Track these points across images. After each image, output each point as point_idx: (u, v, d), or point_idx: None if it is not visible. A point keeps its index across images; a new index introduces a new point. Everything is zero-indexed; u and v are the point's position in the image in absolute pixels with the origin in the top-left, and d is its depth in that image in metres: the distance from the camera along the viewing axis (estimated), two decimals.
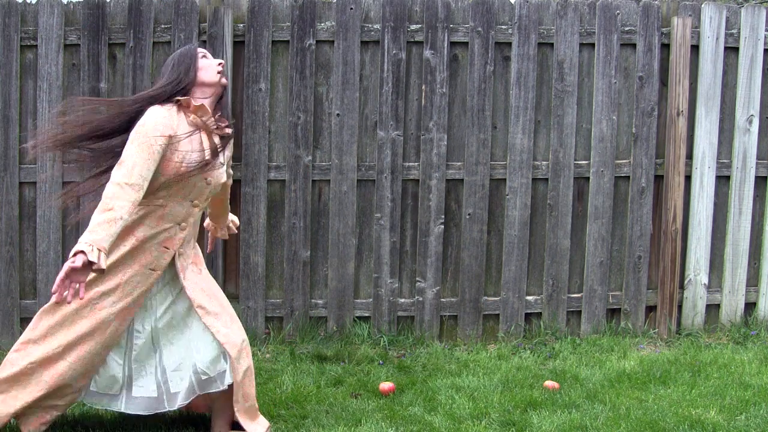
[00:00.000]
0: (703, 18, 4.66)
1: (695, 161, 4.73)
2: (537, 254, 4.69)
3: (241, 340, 3.11)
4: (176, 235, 3.06)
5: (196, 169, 2.99)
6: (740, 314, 4.85)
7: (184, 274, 3.10)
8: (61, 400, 3.11)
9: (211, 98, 3.10)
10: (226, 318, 3.13)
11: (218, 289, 3.25)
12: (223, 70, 3.13)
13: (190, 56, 3.09)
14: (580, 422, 3.40)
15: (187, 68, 3.06)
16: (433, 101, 4.52)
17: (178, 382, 3.11)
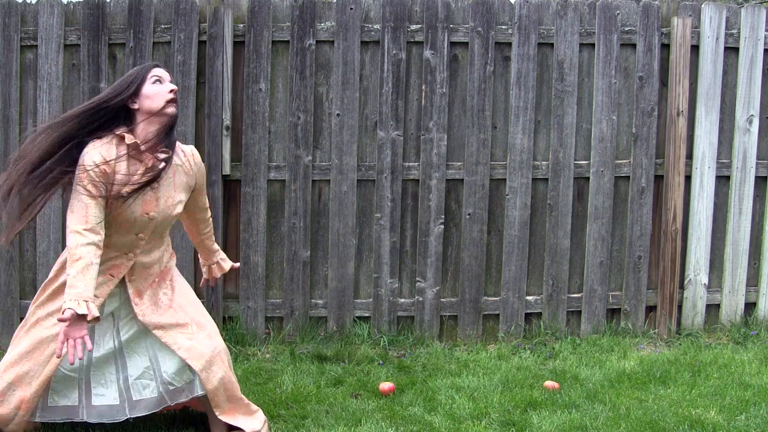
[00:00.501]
0: (703, 18, 4.66)
1: (695, 161, 4.73)
2: (537, 254, 4.69)
3: (211, 350, 3.09)
4: (123, 264, 3.04)
5: (124, 201, 2.91)
6: (740, 314, 4.85)
7: (136, 301, 3.07)
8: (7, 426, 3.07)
9: (157, 127, 2.96)
10: (193, 328, 3.11)
11: (189, 297, 3.22)
12: (175, 98, 2.98)
13: (139, 77, 2.96)
14: (580, 422, 3.40)
15: (126, 87, 2.93)
16: (433, 101, 4.52)
17: (141, 390, 3.10)
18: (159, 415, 3.41)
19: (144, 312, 3.07)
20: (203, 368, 3.06)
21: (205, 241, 3.42)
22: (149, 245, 3.09)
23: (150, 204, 2.99)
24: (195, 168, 3.16)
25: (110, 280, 3.03)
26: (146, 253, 3.09)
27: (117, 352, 3.09)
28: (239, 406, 3.17)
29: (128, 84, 2.94)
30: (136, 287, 3.08)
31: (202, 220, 3.33)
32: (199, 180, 3.20)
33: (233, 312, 4.50)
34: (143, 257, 3.08)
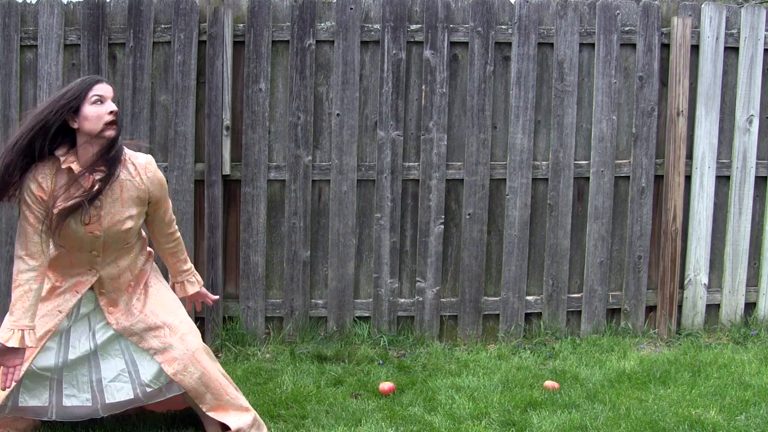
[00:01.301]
0: (703, 18, 4.66)
1: (695, 161, 4.73)
2: (537, 254, 4.69)
3: (183, 352, 3.09)
4: (87, 280, 3.04)
5: (58, 224, 2.87)
6: (740, 314, 4.85)
7: (110, 310, 3.07)
8: None
9: (97, 148, 2.86)
10: (165, 331, 3.10)
11: (164, 297, 3.20)
12: (115, 120, 2.84)
13: (78, 96, 2.82)
14: (580, 422, 3.40)
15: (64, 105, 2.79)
16: (433, 101, 4.51)
17: (114, 393, 3.11)
18: (159, 415, 3.41)
19: (117, 320, 3.07)
20: (177, 372, 3.07)
21: (167, 258, 3.29)
22: (111, 258, 3.05)
23: (93, 223, 2.93)
24: (147, 181, 3.00)
25: (75, 296, 3.03)
26: (111, 264, 3.06)
27: (92, 354, 3.09)
28: (228, 404, 3.16)
29: (68, 101, 2.80)
30: (109, 298, 3.08)
31: (163, 235, 3.19)
32: (154, 193, 3.03)
33: (233, 312, 4.50)
34: (109, 269, 3.06)
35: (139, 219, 3.04)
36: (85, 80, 2.88)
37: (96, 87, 2.85)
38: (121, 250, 3.07)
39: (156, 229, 3.18)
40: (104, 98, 2.85)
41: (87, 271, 3.04)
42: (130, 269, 3.13)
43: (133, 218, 3.00)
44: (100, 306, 3.07)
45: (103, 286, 3.06)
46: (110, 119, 2.84)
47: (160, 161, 4.39)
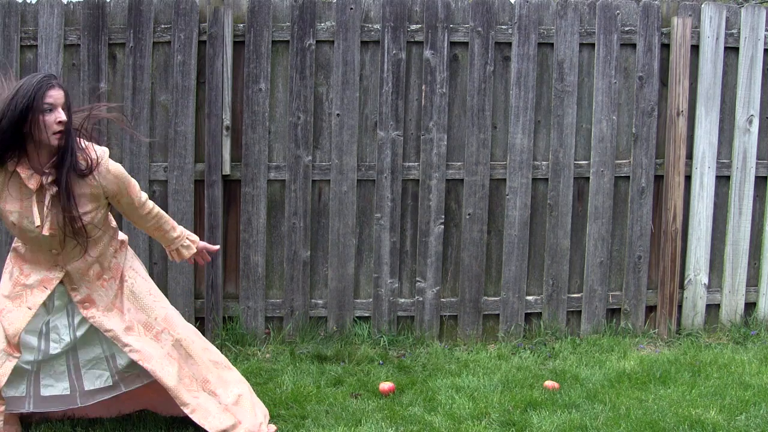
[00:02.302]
0: (703, 18, 4.66)
1: (695, 161, 4.73)
2: (537, 254, 4.69)
3: (158, 351, 3.08)
4: (54, 276, 3.03)
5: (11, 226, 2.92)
6: (740, 314, 4.85)
7: (85, 305, 3.07)
8: None
9: (46, 153, 2.85)
10: (139, 329, 3.10)
11: (139, 291, 3.18)
12: (63, 130, 2.82)
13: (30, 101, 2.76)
14: (580, 422, 3.40)
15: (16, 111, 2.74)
16: (433, 101, 4.51)
17: (93, 380, 3.13)
18: (159, 416, 3.41)
19: (93, 315, 3.06)
20: (154, 369, 3.06)
21: (153, 233, 3.25)
22: (74, 254, 3.03)
23: (45, 224, 2.90)
24: (99, 178, 2.94)
25: (43, 292, 3.02)
26: (78, 258, 3.04)
27: (70, 346, 3.10)
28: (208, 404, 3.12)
29: (20, 111, 2.75)
30: (82, 294, 3.07)
31: (139, 217, 3.15)
32: (108, 188, 2.98)
33: (233, 312, 4.50)
34: (76, 264, 3.04)
35: (96, 213, 2.99)
36: (38, 85, 2.79)
37: (48, 94, 2.80)
38: (84, 246, 3.03)
39: (128, 214, 3.16)
40: (55, 106, 2.81)
41: (53, 267, 3.03)
42: (100, 261, 3.10)
43: (89, 214, 2.96)
44: (74, 302, 3.05)
45: (72, 281, 3.05)
46: (58, 129, 2.81)
47: (160, 161, 4.39)
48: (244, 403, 3.23)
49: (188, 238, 3.30)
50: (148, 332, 3.12)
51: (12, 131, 2.78)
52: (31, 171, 2.87)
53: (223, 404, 3.17)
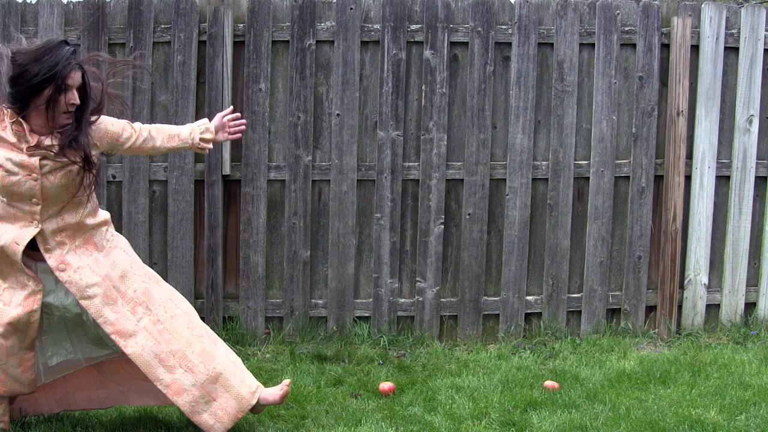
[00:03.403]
0: (703, 18, 4.66)
1: (695, 161, 4.73)
2: (537, 254, 4.69)
3: (134, 325, 3.03)
4: (28, 232, 2.98)
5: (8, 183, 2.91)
6: (740, 314, 4.85)
7: (61, 268, 3.02)
8: None
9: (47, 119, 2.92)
10: (119, 302, 3.05)
11: (121, 263, 3.13)
12: (72, 112, 2.91)
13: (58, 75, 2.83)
14: (580, 422, 3.40)
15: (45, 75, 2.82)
16: (433, 101, 4.51)
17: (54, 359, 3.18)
18: (159, 416, 3.41)
19: (70, 279, 3.01)
20: (126, 345, 3.02)
21: (166, 146, 3.25)
22: (54, 210, 3.00)
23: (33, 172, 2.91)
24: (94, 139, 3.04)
25: (15, 248, 2.96)
26: (55, 218, 3.00)
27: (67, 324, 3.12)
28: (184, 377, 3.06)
29: (41, 77, 2.82)
30: (56, 257, 3.01)
31: (140, 145, 3.18)
32: (101, 143, 3.07)
33: (233, 312, 4.50)
34: (52, 223, 3.00)
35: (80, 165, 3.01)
36: (65, 63, 2.85)
37: (70, 75, 2.87)
38: (68, 204, 3.02)
39: (132, 148, 3.17)
40: (71, 87, 2.89)
41: (29, 223, 2.98)
42: (75, 228, 3.05)
43: (74, 165, 2.98)
44: (49, 265, 3.01)
45: (46, 241, 3.00)
46: (68, 111, 2.90)
47: (160, 161, 4.39)
48: (225, 381, 3.12)
49: (200, 128, 3.30)
50: (126, 304, 3.06)
51: (25, 91, 2.85)
52: (30, 128, 2.90)
53: (200, 381, 3.08)
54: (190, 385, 3.06)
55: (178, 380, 3.06)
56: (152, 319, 3.08)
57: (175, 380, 3.05)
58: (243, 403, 3.14)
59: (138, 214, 4.35)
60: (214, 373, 3.10)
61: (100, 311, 3.02)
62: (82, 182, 2.98)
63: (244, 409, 3.14)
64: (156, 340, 3.06)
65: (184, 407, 3.05)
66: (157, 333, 3.07)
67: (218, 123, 3.35)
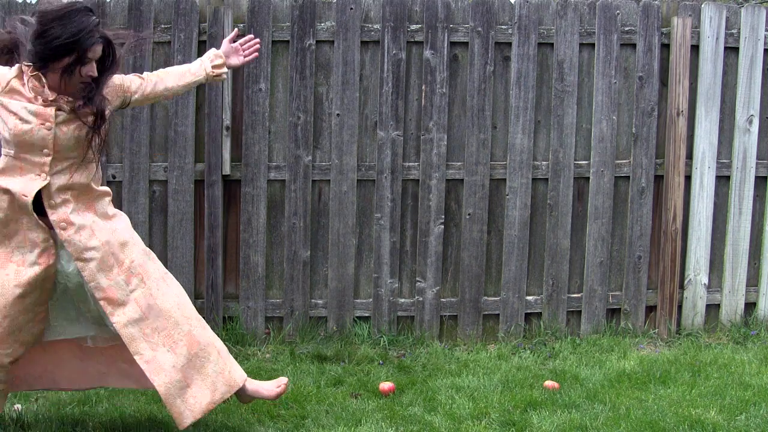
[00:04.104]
0: (703, 18, 4.66)
1: (695, 161, 4.73)
2: (537, 254, 4.69)
3: (126, 295, 3.02)
4: (36, 184, 2.96)
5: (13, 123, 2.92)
6: (740, 314, 4.85)
7: (62, 226, 3.00)
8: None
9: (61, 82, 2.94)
10: (114, 270, 3.03)
11: (124, 235, 3.11)
12: (88, 82, 2.95)
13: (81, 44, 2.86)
14: (580, 422, 3.40)
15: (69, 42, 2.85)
16: (433, 101, 4.52)
17: None
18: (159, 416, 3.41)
19: (70, 238, 3.00)
20: (113, 313, 3.01)
21: (180, 87, 3.28)
22: (64, 165, 2.99)
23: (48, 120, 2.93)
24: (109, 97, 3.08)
25: (24, 200, 2.95)
26: (63, 173, 3.00)
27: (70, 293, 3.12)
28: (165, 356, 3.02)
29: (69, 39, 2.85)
30: (59, 214, 3.00)
31: (150, 93, 3.20)
32: (111, 93, 3.08)
33: (233, 312, 4.50)
34: (60, 178, 2.99)
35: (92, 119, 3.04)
36: (89, 34, 2.87)
37: (93, 48, 2.90)
38: (77, 162, 3.01)
39: (145, 95, 3.19)
40: (91, 60, 2.92)
41: (36, 176, 2.97)
42: (82, 190, 3.05)
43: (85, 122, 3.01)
44: (51, 220, 2.99)
45: (51, 197, 2.99)
46: (85, 81, 2.93)
47: (160, 161, 4.39)
48: (203, 368, 3.09)
49: (208, 59, 3.33)
50: (121, 273, 3.05)
51: (44, 53, 2.88)
52: (49, 91, 2.93)
53: (180, 364, 3.04)
54: (169, 366, 3.02)
55: (159, 359, 3.02)
56: (144, 293, 3.06)
57: (156, 358, 3.02)
58: (215, 395, 3.09)
59: (138, 214, 4.35)
60: (194, 358, 3.07)
61: (93, 276, 3.01)
62: (91, 141, 3.00)
63: (216, 401, 3.09)
64: (144, 314, 3.03)
65: (160, 388, 3.00)
66: (147, 307, 3.04)
67: (227, 48, 3.37)
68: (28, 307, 3.02)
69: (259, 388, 3.24)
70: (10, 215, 2.99)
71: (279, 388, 3.25)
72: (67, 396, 3.61)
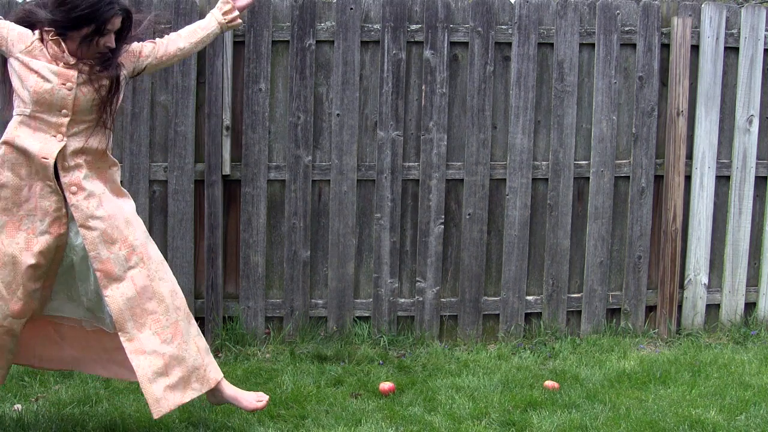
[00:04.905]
0: (703, 18, 4.66)
1: (695, 161, 4.73)
2: (537, 254, 4.70)
3: (124, 270, 3.02)
4: (53, 146, 2.96)
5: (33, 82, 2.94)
6: (740, 314, 4.85)
7: (72, 190, 3.00)
8: None
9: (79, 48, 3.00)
10: (117, 244, 3.03)
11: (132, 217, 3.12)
12: (104, 53, 3.01)
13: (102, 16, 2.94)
14: (580, 422, 3.40)
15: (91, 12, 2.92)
16: (433, 101, 4.52)
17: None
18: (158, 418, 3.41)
19: (78, 203, 3.00)
20: (107, 287, 3.00)
21: (187, 48, 3.30)
22: (80, 128, 3.01)
23: (70, 80, 2.96)
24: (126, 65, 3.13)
25: (44, 162, 2.95)
26: (79, 136, 3.01)
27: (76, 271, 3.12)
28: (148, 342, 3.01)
29: (89, 10, 2.92)
30: (72, 179, 3.00)
31: (164, 55, 3.24)
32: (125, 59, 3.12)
33: (233, 312, 4.50)
34: (75, 141, 3.01)
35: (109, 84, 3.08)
36: (109, 5, 2.94)
37: (113, 20, 2.97)
38: (92, 126, 3.03)
39: (159, 59, 3.22)
40: (110, 31, 2.98)
41: (52, 137, 2.97)
42: (96, 156, 3.07)
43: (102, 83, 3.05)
44: (62, 182, 2.98)
45: (65, 159, 2.99)
46: (102, 51, 2.99)
47: (160, 161, 4.39)
48: (182, 362, 3.07)
49: (218, 8, 3.39)
50: (124, 248, 3.04)
51: (64, 22, 2.93)
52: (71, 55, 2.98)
53: (161, 351, 3.03)
54: (151, 350, 3.01)
55: (142, 340, 3.01)
56: (142, 273, 3.06)
57: (140, 339, 3.01)
58: (187, 390, 3.07)
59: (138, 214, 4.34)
60: (177, 349, 3.05)
61: (95, 245, 3.00)
62: (106, 106, 3.04)
63: (187, 397, 3.07)
64: (138, 293, 3.03)
65: (138, 370, 2.99)
66: (142, 288, 3.04)
67: (235, 7, 3.40)
68: (40, 275, 3.02)
69: (238, 396, 3.21)
70: (24, 180, 2.99)
71: (259, 403, 3.23)
72: (67, 396, 3.62)
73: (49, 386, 3.78)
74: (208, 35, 3.36)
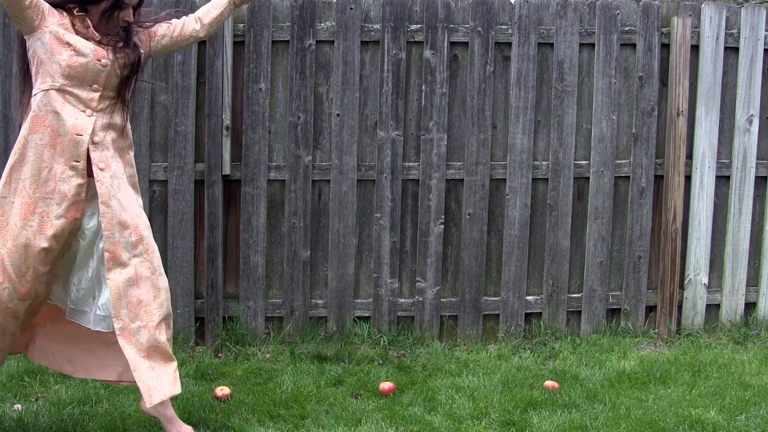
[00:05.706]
0: (703, 18, 4.66)
1: (695, 161, 4.73)
2: (537, 254, 4.70)
3: (129, 256, 3.02)
4: (85, 123, 2.98)
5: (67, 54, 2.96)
6: (740, 314, 4.85)
7: (101, 166, 3.01)
8: None
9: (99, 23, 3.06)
10: (129, 230, 3.04)
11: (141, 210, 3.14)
12: (126, 24, 3.08)
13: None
14: (580, 422, 3.40)
15: None
16: (433, 101, 4.52)
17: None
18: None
19: (104, 179, 3.00)
20: (111, 269, 3.01)
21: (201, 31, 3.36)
22: (107, 104, 3.05)
23: (101, 54, 3.01)
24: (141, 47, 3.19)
25: (78, 139, 2.96)
26: (106, 112, 3.04)
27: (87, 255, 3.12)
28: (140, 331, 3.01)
29: None
30: (101, 155, 3.01)
31: (178, 37, 3.32)
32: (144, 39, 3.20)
33: (233, 312, 4.50)
34: (103, 117, 3.03)
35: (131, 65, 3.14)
36: None
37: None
38: (115, 102, 3.08)
39: (174, 39, 3.29)
40: (129, 5, 3.06)
41: (81, 112, 2.99)
42: (119, 132, 3.09)
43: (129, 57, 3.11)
44: (92, 157, 2.99)
45: (95, 133, 3.01)
46: (122, 25, 3.06)
47: (160, 161, 4.39)
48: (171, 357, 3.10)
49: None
50: (134, 235, 3.05)
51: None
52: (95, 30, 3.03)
53: (149, 344, 3.03)
54: (142, 341, 3.03)
55: (132, 330, 3.02)
56: (144, 264, 3.07)
57: (130, 328, 3.02)
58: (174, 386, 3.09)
59: None
60: (164, 347, 3.07)
61: (112, 225, 3.01)
62: (130, 82, 3.11)
63: (176, 391, 3.08)
64: (137, 283, 3.04)
65: (130, 356, 2.99)
66: (142, 278, 3.06)
67: None
68: (51, 259, 3.02)
69: (174, 420, 3.15)
70: (45, 162, 2.97)
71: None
72: (67, 396, 3.62)
73: (49, 386, 3.78)
74: (221, 13, 3.39)
